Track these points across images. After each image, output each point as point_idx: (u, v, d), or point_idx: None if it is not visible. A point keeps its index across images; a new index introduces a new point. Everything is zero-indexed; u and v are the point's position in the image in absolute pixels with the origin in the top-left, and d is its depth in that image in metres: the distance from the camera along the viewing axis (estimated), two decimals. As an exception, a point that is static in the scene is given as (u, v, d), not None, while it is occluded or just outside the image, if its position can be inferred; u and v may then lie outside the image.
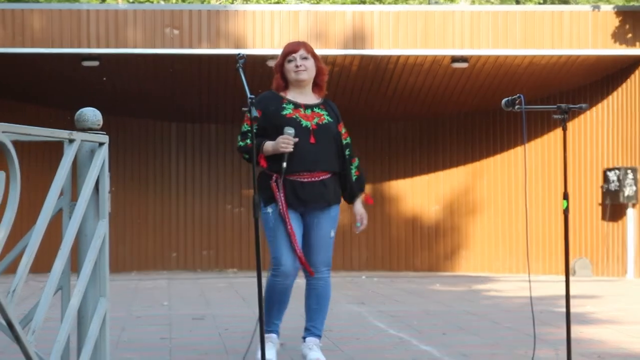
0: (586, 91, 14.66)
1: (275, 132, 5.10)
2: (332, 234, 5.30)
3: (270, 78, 5.44)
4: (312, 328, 5.31)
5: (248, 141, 5.12)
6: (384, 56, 13.58)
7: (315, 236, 5.25)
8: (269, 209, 5.16)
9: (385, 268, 16.65)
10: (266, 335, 5.26)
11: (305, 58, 5.23)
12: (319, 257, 5.25)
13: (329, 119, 5.28)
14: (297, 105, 5.22)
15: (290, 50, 5.25)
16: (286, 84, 5.28)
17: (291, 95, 5.26)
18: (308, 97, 5.30)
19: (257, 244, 4.76)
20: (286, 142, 5.04)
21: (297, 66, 5.20)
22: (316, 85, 5.34)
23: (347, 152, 5.34)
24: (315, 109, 5.27)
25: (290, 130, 5.07)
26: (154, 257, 16.59)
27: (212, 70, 14.24)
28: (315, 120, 5.23)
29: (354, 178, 5.36)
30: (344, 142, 5.35)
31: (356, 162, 5.39)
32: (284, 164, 5.04)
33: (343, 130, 5.38)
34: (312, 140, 5.16)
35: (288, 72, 5.23)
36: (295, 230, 5.15)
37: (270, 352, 5.16)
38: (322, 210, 5.25)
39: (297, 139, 5.08)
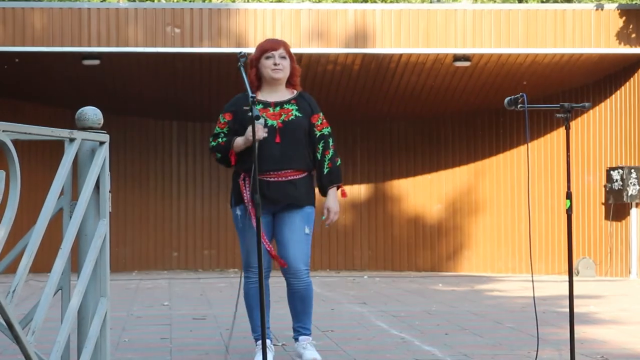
0: (589, 90, 14.62)
1: (245, 132, 5.09)
2: (307, 230, 5.19)
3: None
4: (302, 329, 5.27)
5: (219, 140, 5.22)
6: (386, 55, 13.55)
7: (288, 232, 5.15)
8: (238, 211, 5.13)
9: (387, 268, 16.62)
10: (259, 342, 5.21)
11: (283, 57, 5.22)
12: (294, 253, 5.13)
13: (298, 114, 5.20)
14: (266, 105, 5.18)
15: (270, 47, 5.22)
16: (259, 83, 5.24)
17: (263, 94, 5.23)
18: (280, 93, 5.26)
19: (258, 244, 4.73)
20: (255, 129, 4.99)
21: (275, 64, 5.17)
22: (289, 84, 5.32)
23: (320, 144, 5.24)
24: (285, 105, 5.22)
25: (260, 121, 4.98)
26: (155, 257, 16.57)
27: (214, 69, 14.22)
28: (282, 117, 5.18)
29: (325, 171, 5.25)
30: (319, 133, 5.24)
31: (330, 154, 5.25)
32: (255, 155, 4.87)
33: (319, 122, 5.28)
34: (277, 139, 5.12)
35: (264, 67, 5.20)
36: (263, 228, 5.06)
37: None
38: (293, 208, 5.17)
39: (266, 130, 5.05)
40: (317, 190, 5.34)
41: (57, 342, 3.46)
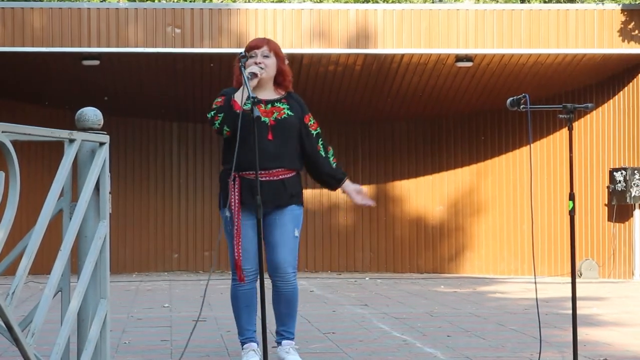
0: (592, 90, 14.60)
1: (234, 127, 4.96)
2: (297, 233, 5.13)
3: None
4: (285, 332, 5.22)
5: (212, 113, 5.02)
6: (388, 55, 13.52)
7: (276, 235, 5.08)
8: (227, 212, 5.02)
9: (389, 269, 16.61)
10: (246, 346, 5.17)
11: (266, 56, 5.14)
12: (282, 257, 5.08)
13: (290, 113, 5.16)
14: (258, 101, 5.07)
15: (253, 45, 5.17)
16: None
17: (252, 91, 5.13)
18: (267, 92, 5.18)
19: (259, 245, 4.70)
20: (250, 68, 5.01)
21: (256, 63, 5.10)
22: (278, 85, 5.23)
23: (320, 142, 5.23)
24: (276, 104, 5.16)
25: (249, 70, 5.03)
26: (155, 259, 16.55)
27: (214, 70, 14.20)
28: (274, 115, 5.12)
29: (334, 165, 5.27)
30: (314, 132, 5.23)
31: (331, 150, 5.30)
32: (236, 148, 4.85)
33: (311, 121, 5.25)
34: (269, 137, 5.06)
35: (247, 66, 5.12)
36: (248, 232, 5.01)
37: None
38: (282, 209, 5.10)
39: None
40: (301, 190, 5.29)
41: (57, 344, 3.47)
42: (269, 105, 5.13)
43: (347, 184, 5.32)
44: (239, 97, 5.01)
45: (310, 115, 5.28)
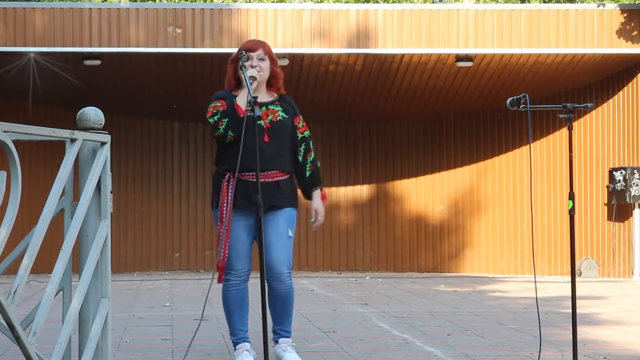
0: (592, 90, 14.61)
1: (239, 131, 4.98)
2: (290, 233, 5.14)
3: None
4: (282, 331, 5.25)
5: (215, 118, 5.04)
6: (388, 55, 13.53)
7: (270, 236, 5.09)
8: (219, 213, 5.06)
9: (389, 268, 16.61)
10: (239, 346, 5.18)
11: (262, 59, 5.18)
12: (277, 257, 5.09)
13: (284, 115, 5.20)
14: (256, 102, 5.14)
15: (249, 48, 5.20)
16: (237, 82, 5.21)
17: (243, 94, 5.13)
18: (261, 95, 5.19)
19: (260, 244, 4.71)
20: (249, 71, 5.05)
21: (252, 66, 5.13)
22: (271, 87, 5.27)
23: (302, 146, 5.25)
24: (269, 106, 5.20)
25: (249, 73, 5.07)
26: (156, 258, 16.55)
27: (215, 69, 14.21)
28: (269, 117, 5.15)
29: (307, 173, 5.24)
30: (300, 135, 5.25)
31: (311, 156, 5.28)
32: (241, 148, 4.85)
33: (300, 124, 5.28)
34: (266, 139, 5.08)
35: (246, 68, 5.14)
36: (240, 233, 5.05)
37: None
38: (276, 211, 5.12)
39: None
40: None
41: (58, 343, 3.46)
42: (264, 108, 5.16)
43: (314, 199, 5.27)
44: (242, 101, 5.05)
45: (301, 118, 5.31)
